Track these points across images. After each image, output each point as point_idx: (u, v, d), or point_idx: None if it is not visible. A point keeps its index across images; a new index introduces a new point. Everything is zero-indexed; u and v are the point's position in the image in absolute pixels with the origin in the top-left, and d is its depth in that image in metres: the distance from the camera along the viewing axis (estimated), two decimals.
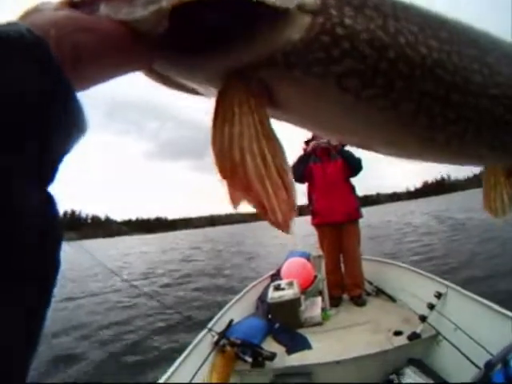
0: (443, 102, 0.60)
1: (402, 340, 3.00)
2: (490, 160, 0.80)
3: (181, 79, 0.59)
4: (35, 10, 0.42)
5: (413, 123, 0.60)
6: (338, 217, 4.39)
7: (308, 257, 5.02)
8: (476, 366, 2.23)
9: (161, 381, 2.39)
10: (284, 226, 0.49)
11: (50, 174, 0.33)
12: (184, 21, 0.46)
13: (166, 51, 0.50)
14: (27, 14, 0.42)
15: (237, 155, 0.48)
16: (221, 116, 0.50)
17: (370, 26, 0.55)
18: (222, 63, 0.53)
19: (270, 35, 0.51)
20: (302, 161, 4.58)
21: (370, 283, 4.50)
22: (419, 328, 2.99)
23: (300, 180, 4.56)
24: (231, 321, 3.47)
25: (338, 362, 2.85)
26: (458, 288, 3.12)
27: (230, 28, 0.50)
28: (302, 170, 4.50)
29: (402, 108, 0.58)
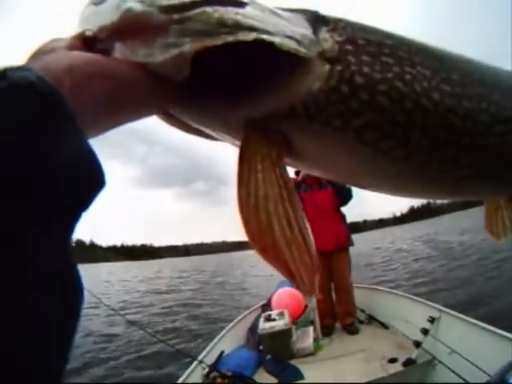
0: (455, 148, 0.60)
1: (397, 367, 2.93)
2: (497, 194, 0.82)
3: (197, 126, 0.58)
4: (48, 49, 0.40)
5: (425, 170, 0.61)
6: (329, 246, 4.36)
7: None
8: None
9: None
10: (310, 290, 0.49)
11: (67, 231, 0.31)
12: (203, 67, 0.45)
13: (183, 97, 0.49)
14: (39, 53, 0.40)
15: (264, 219, 0.48)
16: (246, 175, 0.49)
17: (387, 75, 0.55)
18: (241, 113, 0.53)
19: (290, 85, 0.51)
20: None
21: (362, 311, 4.43)
22: (414, 354, 2.94)
23: None
24: (222, 352, 3.38)
25: None
26: (451, 311, 3.11)
27: (251, 77, 0.50)
28: None
29: (415, 157, 0.59)
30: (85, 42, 0.44)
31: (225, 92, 0.50)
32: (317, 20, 0.57)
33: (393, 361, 3.05)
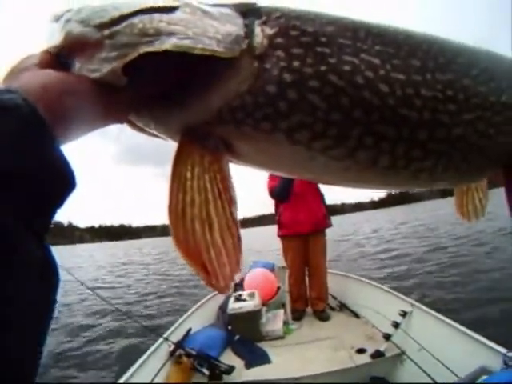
0: (407, 143, 0.56)
1: (364, 358, 2.92)
2: (462, 183, 0.81)
3: (151, 130, 0.60)
4: (22, 67, 0.44)
5: (373, 166, 0.57)
6: (305, 228, 4.27)
7: (272, 268, 4.92)
8: None
9: None
10: (223, 290, 0.50)
11: (45, 227, 0.36)
12: (141, 76, 0.48)
13: (133, 105, 0.52)
14: (15, 71, 0.44)
15: (188, 224, 0.49)
16: (176, 183, 0.50)
17: (320, 68, 0.52)
18: (177, 119, 0.54)
19: (218, 89, 0.51)
20: (286, 182, 4.09)
21: (334, 298, 4.41)
22: (383, 346, 2.93)
23: (285, 201, 4.31)
24: (189, 330, 3.33)
25: (297, 379, 2.74)
26: (423, 307, 3.10)
27: (180, 83, 0.51)
28: (287, 194, 4.17)
29: (359, 155, 0.55)
30: (53, 56, 0.47)
31: (159, 99, 0.52)
32: (250, 14, 0.55)
33: (361, 351, 3.05)
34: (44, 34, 0.51)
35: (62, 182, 0.38)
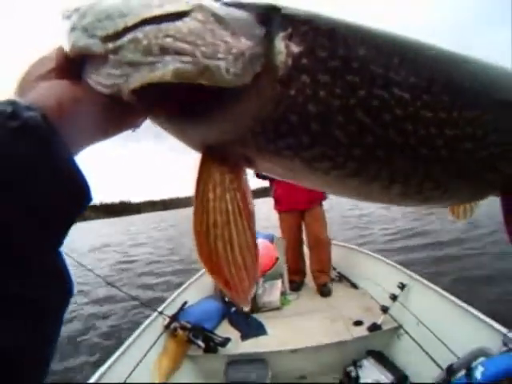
0: (421, 177, 0.55)
1: (361, 331, 2.90)
2: (462, 203, 0.81)
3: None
4: (38, 77, 0.44)
5: (387, 191, 0.56)
6: (301, 205, 4.20)
7: (272, 238, 4.86)
8: (437, 363, 2.14)
9: (107, 363, 2.30)
10: (243, 302, 0.51)
11: (61, 236, 0.38)
12: (156, 93, 0.45)
13: (152, 113, 0.52)
14: (30, 80, 0.45)
15: (212, 244, 0.49)
16: (200, 204, 0.49)
17: (349, 102, 0.47)
18: (195, 134, 0.52)
19: (237, 112, 0.47)
20: None
21: (334, 268, 4.36)
22: (380, 319, 2.90)
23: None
24: (184, 303, 3.31)
25: (293, 351, 2.73)
26: (422, 280, 3.04)
27: (196, 104, 0.48)
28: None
29: (374, 184, 0.54)
30: (67, 60, 0.46)
31: (177, 109, 0.49)
32: (273, 23, 0.48)
33: (358, 323, 3.03)
34: (56, 32, 0.51)
35: (80, 196, 0.40)
